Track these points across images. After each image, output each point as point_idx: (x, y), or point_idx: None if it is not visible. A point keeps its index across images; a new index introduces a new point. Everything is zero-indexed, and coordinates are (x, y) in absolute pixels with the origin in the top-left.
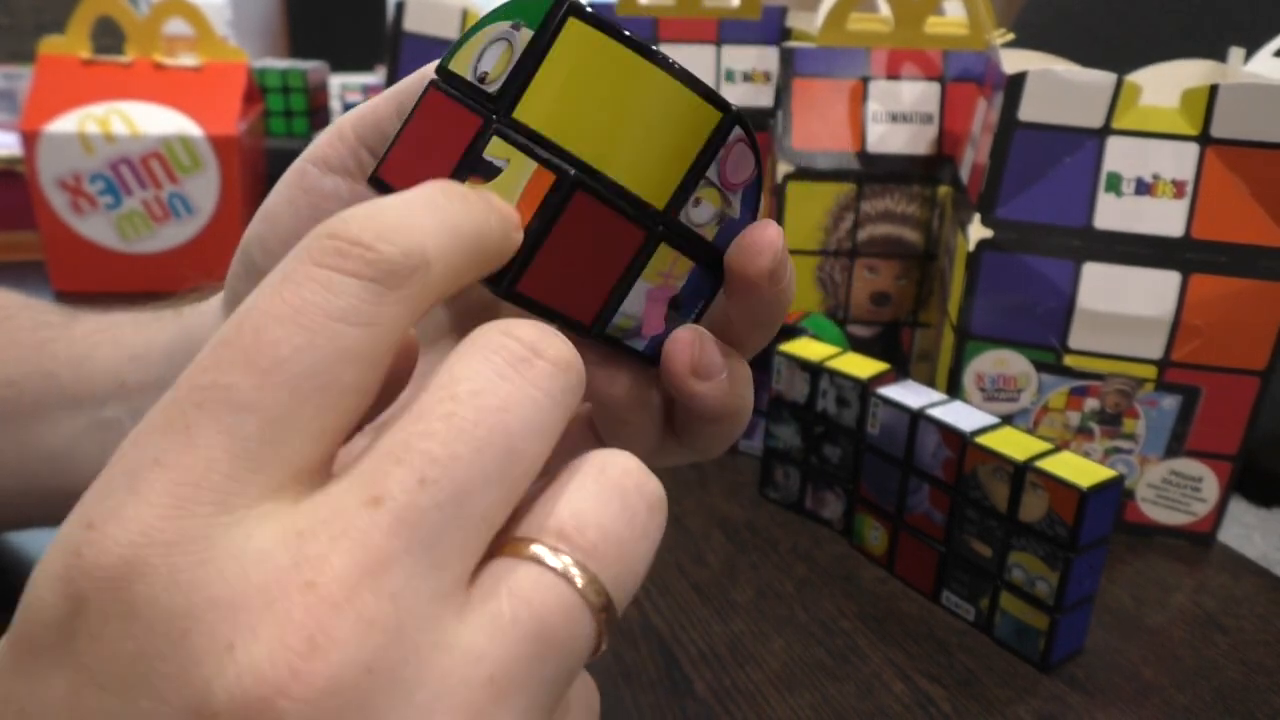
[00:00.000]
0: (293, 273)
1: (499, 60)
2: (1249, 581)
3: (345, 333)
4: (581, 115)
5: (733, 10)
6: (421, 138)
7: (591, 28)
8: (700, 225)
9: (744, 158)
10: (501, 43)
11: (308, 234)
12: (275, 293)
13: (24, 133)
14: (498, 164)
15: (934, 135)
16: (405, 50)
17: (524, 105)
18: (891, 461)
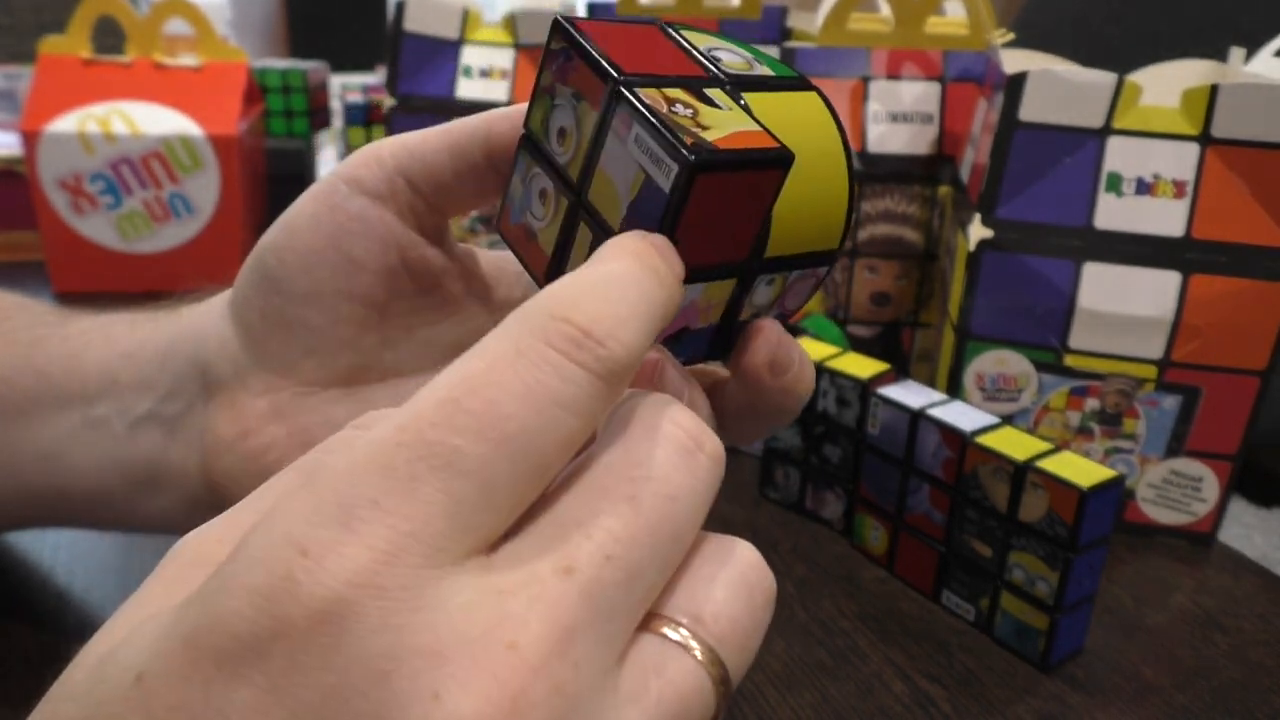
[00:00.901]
0: (528, 350)
1: (737, 63)
2: (1249, 581)
3: (566, 421)
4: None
5: (733, 10)
6: (635, 43)
7: (826, 108)
8: (751, 304)
9: (805, 292)
10: (739, 57)
11: (531, 301)
12: (510, 367)
13: (24, 133)
14: (720, 103)
15: (934, 135)
16: (405, 50)
17: (755, 99)
18: (891, 461)
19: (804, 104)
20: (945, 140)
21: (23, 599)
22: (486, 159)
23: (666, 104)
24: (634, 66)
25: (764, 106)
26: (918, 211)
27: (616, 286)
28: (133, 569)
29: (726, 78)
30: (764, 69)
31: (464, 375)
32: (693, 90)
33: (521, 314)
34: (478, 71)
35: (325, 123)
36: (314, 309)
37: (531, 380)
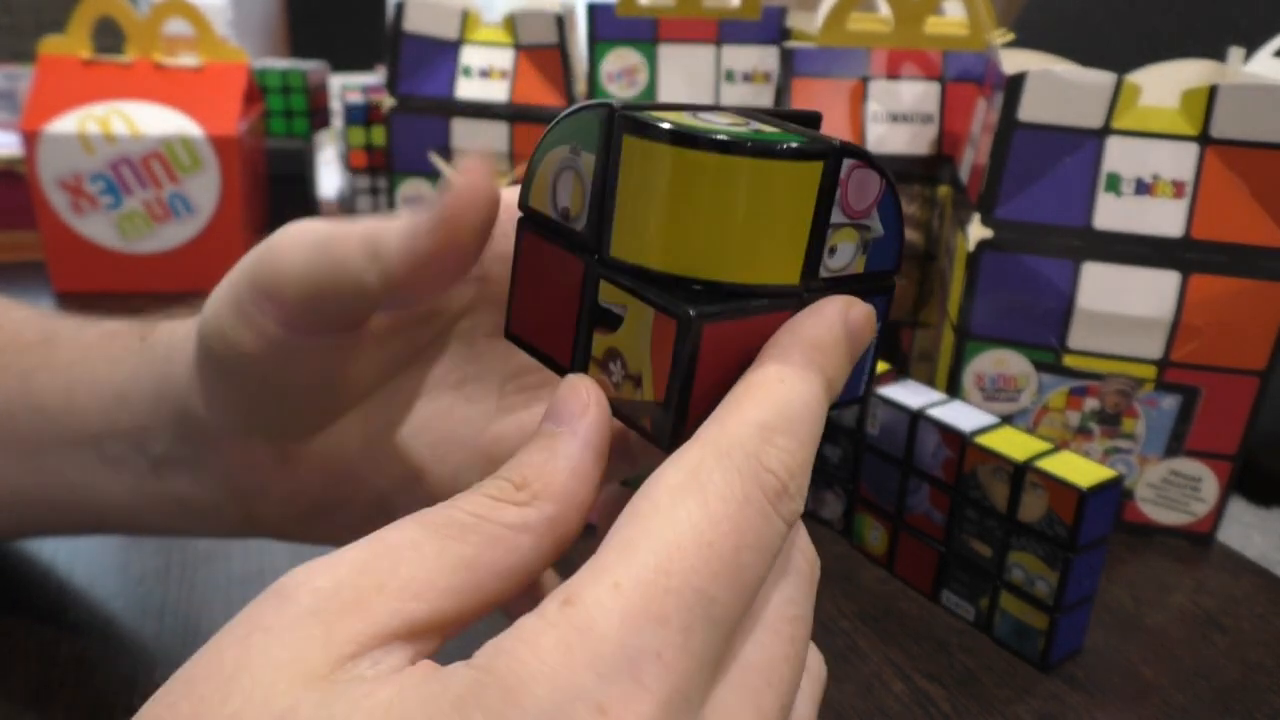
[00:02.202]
0: (746, 497)
1: (573, 192)
2: (1248, 581)
3: (768, 565)
4: (678, 233)
5: (733, 10)
6: (535, 284)
7: (648, 140)
8: (844, 268)
9: (864, 181)
10: (569, 172)
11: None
12: (737, 514)
13: (24, 133)
14: (616, 311)
15: (934, 135)
16: (405, 50)
17: (617, 240)
18: (891, 461)
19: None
20: (945, 140)
21: (23, 598)
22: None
23: (606, 373)
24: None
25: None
26: (917, 211)
27: (801, 422)
28: (132, 568)
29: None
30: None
31: (700, 518)
32: (597, 321)
33: (731, 448)
34: (477, 72)
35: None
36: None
37: (759, 532)
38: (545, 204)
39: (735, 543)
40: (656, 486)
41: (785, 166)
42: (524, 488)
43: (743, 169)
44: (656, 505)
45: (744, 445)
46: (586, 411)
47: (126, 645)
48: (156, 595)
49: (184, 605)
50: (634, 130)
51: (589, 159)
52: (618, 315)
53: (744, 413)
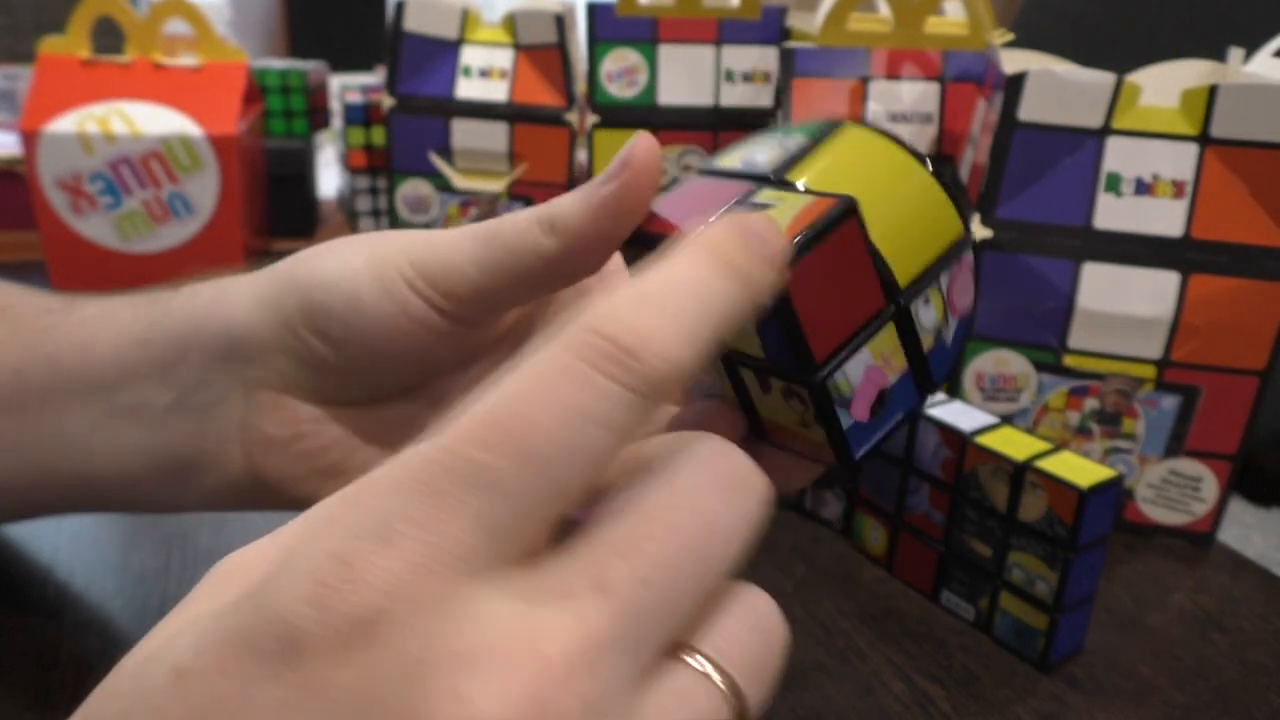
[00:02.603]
0: (565, 367)
1: (772, 154)
2: (1248, 581)
3: (600, 438)
4: (848, 184)
5: (733, 10)
6: (687, 204)
7: (868, 130)
8: (924, 329)
9: (967, 285)
10: (773, 146)
11: (572, 321)
12: (542, 384)
13: (24, 133)
14: (772, 201)
15: (934, 135)
16: (405, 50)
17: (797, 170)
18: (891, 461)
19: (844, 140)
20: (945, 140)
21: (23, 598)
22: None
23: None
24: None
25: (811, 171)
26: None
27: (669, 296)
28: (132, 567)
29: (766, 176)
30: (795, 138)
31: (503, 394)
32: (743, 205)
33: (563, 330)
34: (477, 71)
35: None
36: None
37: (567, 398)
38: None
39: (526, 413)
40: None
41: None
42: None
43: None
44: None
45: (586, 321)
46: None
47: (126, 645)
48: (156, 595)
49: None
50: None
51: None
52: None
53: (607, 296)
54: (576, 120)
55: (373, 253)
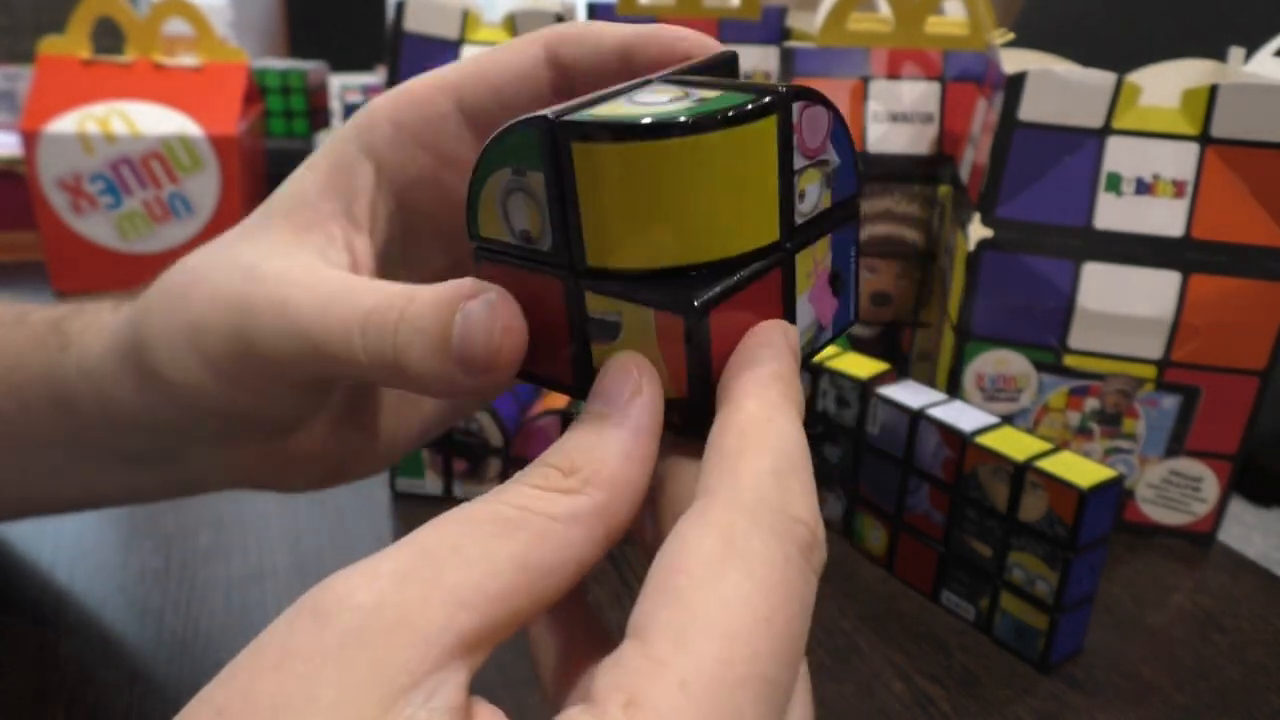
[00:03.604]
0: (792, 559)
1: (528, 214)
2: (1248, 581)
3: (808, 624)
4: (654, 227)
5: (733, 10)
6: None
7: (597, 143)
8: (815, 208)
9: (814, 119)
10: (517, 194)
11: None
12: (791, 581)
13: (24, 133)
14: (611, 320)
15: (934, 135)
16: (405, 50)
17: (591, 249)
18: (891, 461)
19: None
20: (945, 140)
21: (22, 598)
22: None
23: None
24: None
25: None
26: (918, 211)
27: (805, 458)
28: (132, 567)
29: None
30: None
31: (759, 591)
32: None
33: (756, 506)
34: None
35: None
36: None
37: (803, 592)
38: (500, 230)
39: (787, 613)
40: (688, 555)
41: (739, 132)
42: (572, 474)
43: (697, 147)
44: (697, 580)
45: (768, 500)
46: (639, 392)
47: (127, 645)
48: (156, 595)
49: (184, 605)
50: (580, 136)
51: (537, 177)
52: (613, 323)
53: (752, 461)
54: None
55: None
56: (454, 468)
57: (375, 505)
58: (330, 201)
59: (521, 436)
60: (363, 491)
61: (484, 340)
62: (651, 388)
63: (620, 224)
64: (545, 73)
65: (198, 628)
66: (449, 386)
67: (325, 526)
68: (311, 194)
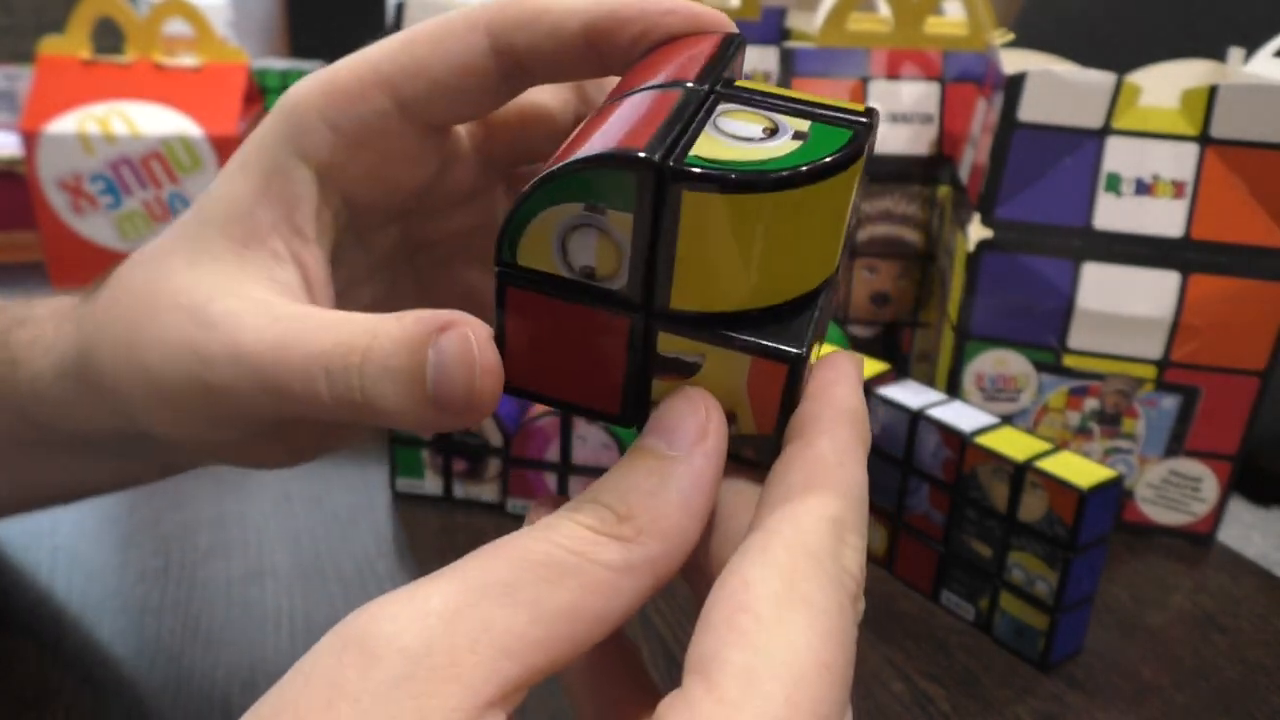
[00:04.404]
0: (845, 610)
1: (600, 252)
2: (1248, 581)
3: None
4: (751, 272)
5: (733, 10)
6: (542, 340)
7: (713, 194)
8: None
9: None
10: (587, 231)
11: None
12: (845, 630)
13: (24, 133)
14: (688, 360)
15: (934, 135)
16: None
17: (679, 292)
18: (891, 461)
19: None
20: (945, 140)
21: (23, 598)
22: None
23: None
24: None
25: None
26: (917, 212)
27: (865, 509)
28: (132, 567)
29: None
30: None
31: (820, 637)
32: (660, 368)
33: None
34: None
35: None
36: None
37: (852, 641)
38: (547, 263)
39: (844, 660)
40: (752, 592)
41: (847, 176)
42: (629, 519)
43: (811, 194)
44: (764, 622)
45: (827, 547)
46: (705, 437)
47: (127, 645)
48: (156, 595)
49: (184, 605)
50: (696, 186)
51: (622, 218)
52: (692, 364)
53: (817, 505)
54: None
55: (153, 385)
56: (454, 468)
57: (375, 505)
58: (269, 210)
59: (521, 436)
60: (363, 491)
61: (463, 382)
62: (719, 432)
63: (717, 269)
64: (492, 63)
65: (197, 627)
66: (425, 426)
67: (325, 526)
68: (247, 202)
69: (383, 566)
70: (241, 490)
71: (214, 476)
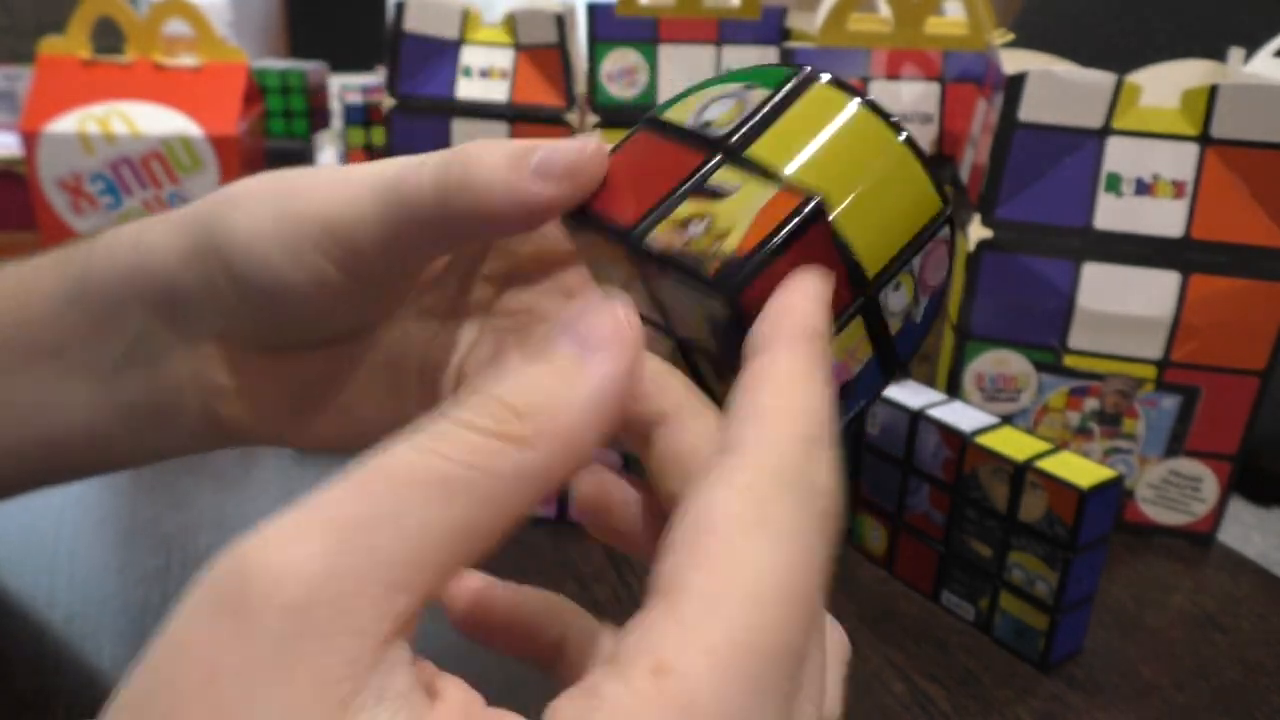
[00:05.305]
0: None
1: (728, 111)
2: (1248, 581)
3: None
4: (818, 166)
5: (733, 10)
6: (627, 170)
7: (840, 91)
8: (892, 314)
9: (942, 262)
10: (729, 100)
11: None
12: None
13: (24, 133)
14: (727, 188)
15: (934, 135)
16: (405, 50)
17: (760, 145)
18: (891, 461)
19: (811, 104)
20: (945, 140)
21: (23, 598)
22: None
23: (681, 231)
24: (637, 208)
25: (773, 146)
26: None
27: (829, 425)
28: (132, 568)
29: (723, 146)
30: (757, 92)
31: (787, 562)
32: (698, 190)
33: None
34: (477, 72)
35: (324, 123)
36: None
37: (823, 562)
38: (683, 117)
39: (810, 583)
40: (717, 514)
41: (924, 179)
42: (525, 417)
43: (899, 154)
44: (728, 544)
45: (797, 466)
46: (621, 338)
47: (127, 645)
48: (157, 595)
49: None
50: (833, 83)
51: (761, 92)
52: (726, 190)
53: (784, 425)
54: (577, 120)
55: (282, 212)
56: None
57: None
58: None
59: None
60: None
61: (575, 149)
62: (635, 338)
63: (801, 147)
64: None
65: None
66: (516, 198)
67: None
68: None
69: None
70: (242, 491)
71: (215, 476)
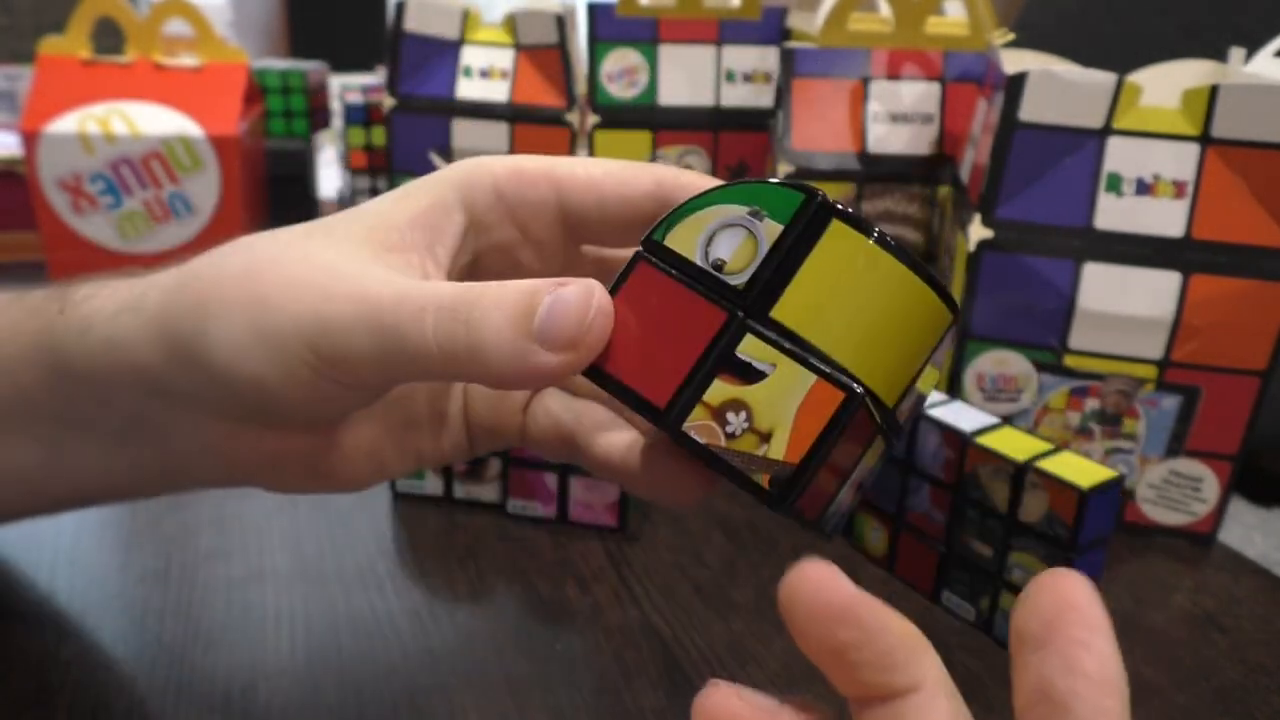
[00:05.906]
0: None
1: (740, 249)
2: (1249, 581)
3: None
4: (841, 319)
5: (733, 10)
6: (644, 321)
7: (853, 229)
8: (905, 413)
9: (947, 349)
10: (738, 230)
11: None
12: None
13: (24, 133)
14: (759, 366)
15: (934, 135)
16: (405, 50)
17: (785, 306)
18: (891, 461)
19: (827, 251)
20: (945, 140)
21: (24, 599)
22: None
23: (720, 423)
24: (663, 382)
25: (797, 300)
26: (918, 212)
27: None
28: (132, 568)
29: (743, 303)
30: (768, 224)
31: None
32: (727, 365)
33: None
34: (478, 72)
35: (325, 123)
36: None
37: None
38: (688, 248)
39: None
40: None
41: (936, 302)
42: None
43: (912, 287)
44: None
45: None
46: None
47: (127, 646)
48: (157, 596)
49: (184, 605)
50: (843, 217)
51: (774, 226)
52: (760, 371)
53: None
54: (577, 121)
55: (261, 329)
56: (454, 468)
57: (375, 506)
58: (419, 233)
59: None
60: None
61: (576, 313)
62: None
63: (823, 300)
64: (650, 206)
65: (198, 629)
66: (522, 368)
67: (325, 528)
68: (400, 220)
69: (383, 567)
70: (242, 492)
71: None
